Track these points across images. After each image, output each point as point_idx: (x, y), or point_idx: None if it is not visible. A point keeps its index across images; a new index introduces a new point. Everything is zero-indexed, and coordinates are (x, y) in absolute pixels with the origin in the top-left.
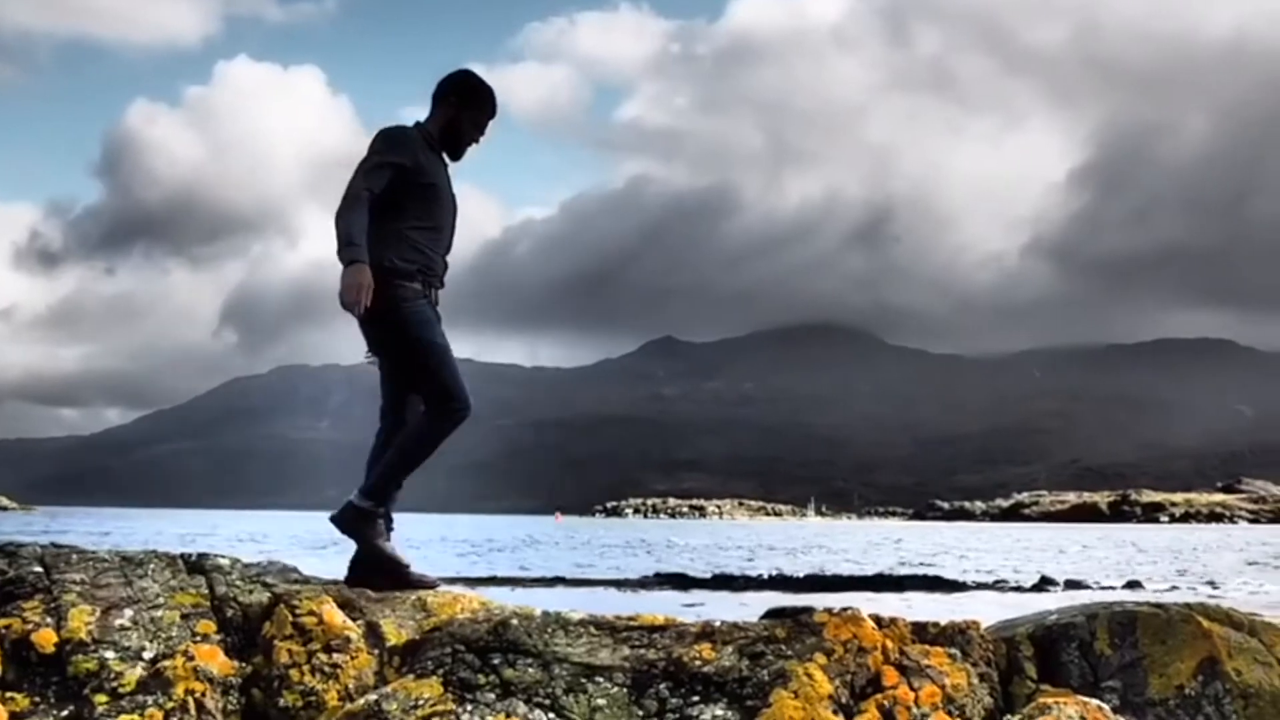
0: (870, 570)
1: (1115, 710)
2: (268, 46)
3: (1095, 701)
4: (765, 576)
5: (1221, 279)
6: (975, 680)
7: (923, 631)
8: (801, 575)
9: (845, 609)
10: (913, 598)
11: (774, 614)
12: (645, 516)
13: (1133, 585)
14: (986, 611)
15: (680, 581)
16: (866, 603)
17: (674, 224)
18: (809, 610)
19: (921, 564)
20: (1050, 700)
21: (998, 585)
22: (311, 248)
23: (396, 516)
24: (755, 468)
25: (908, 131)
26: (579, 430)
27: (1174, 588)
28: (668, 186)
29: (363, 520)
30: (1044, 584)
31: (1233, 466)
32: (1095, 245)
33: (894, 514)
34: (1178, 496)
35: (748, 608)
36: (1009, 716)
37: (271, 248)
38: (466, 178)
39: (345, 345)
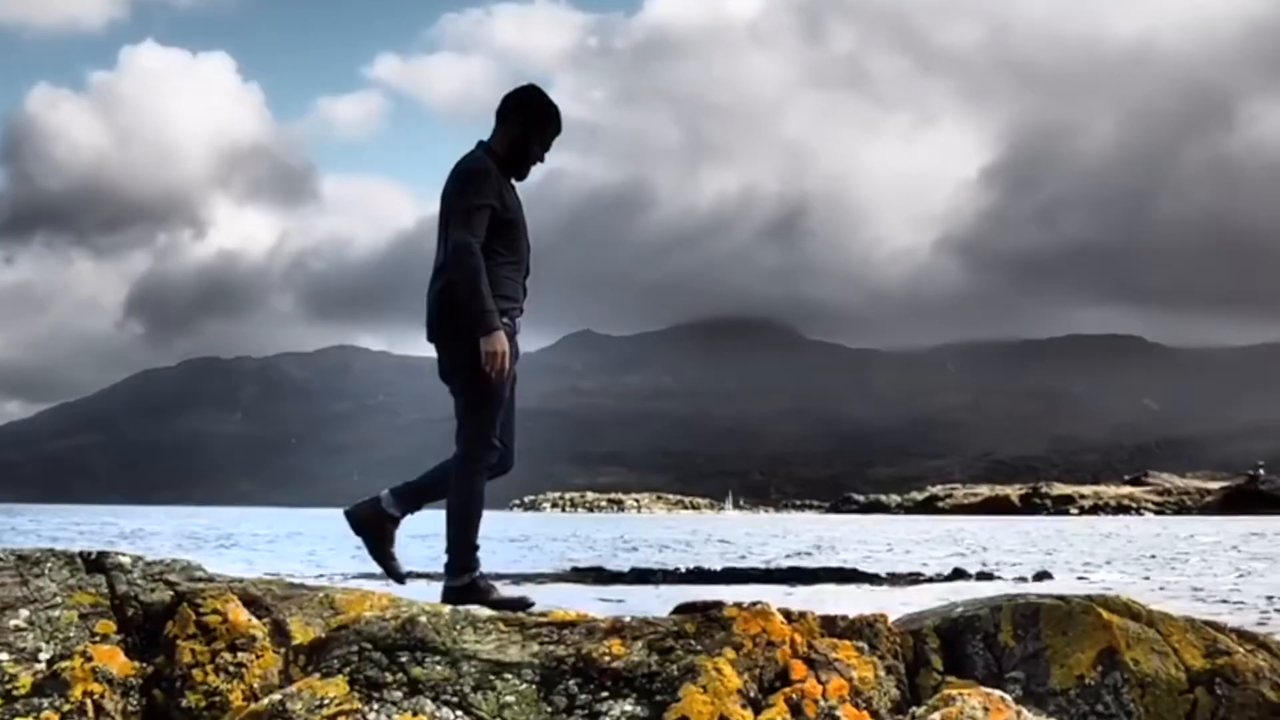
0: (787, 563)
1: (1018, 700)
2: (176, 32)
3: (998, 693)
4: (683, 570)
5: (1128, 276)
6: (882, 673)
7: (832, 625)
8: (719, 569)
9: (755, 604)
10: (828, 590)
11: (685, 609)
12: (563, 510)
13: (1042, 576)
14: (905, 602)
15: (598, 576)
16: (783, 596)
17: (591, 217)
18: (719, 605)
19: (837, 557)
20: (954, 692)
21: (912, 577)
22: (220, 238)
23: (321, 511)
24: (673, 461)
25: (823, 128)
26: None
27: (1082, 579)
28: (584, 180)
29: (471, 595)
30: (956, 575)
31: (1140, 459)
32: (1004, 242)
33: (810, 507)
34: (1087, 489)
35: (665, 601)
36: (915, 708)
37: (178, 238)
38: (380, 169)
39: (257, 338)
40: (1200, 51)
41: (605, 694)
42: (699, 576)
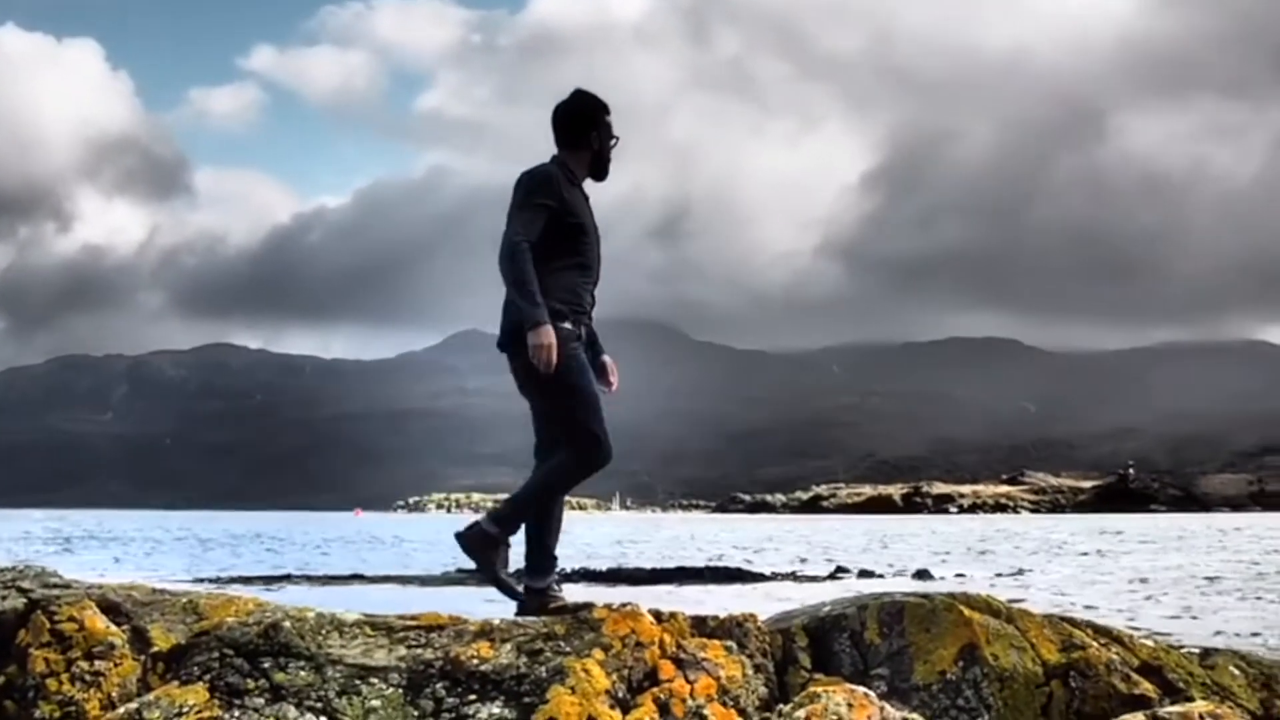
0: (673, 563)
1: (883, 696)
2: (40, 16)
3: (862, 689)
4: (568, 570)
5: (1005, 281)
6: (750, 671)
7: (702, 625)
8: (605, 569)
9: (624, 605)
10: (713, 589)
11: (554, 610)
12: (449, 511)
13: (922, 574)
14: (786, 599)
15: (484, 577)
16: (668, 594)
17: (474, 216)
18: (589, 606)
19: (723, 556)
20: (820, 689)
21: (795, 576)
22: (86, 231)
23: (195, 514)
24: None
25: (708, 131)
26: (380, 424)
27: (960, 575)
28: (468, 178)
29: (488, 545)
30: (838, 573)
31: (1017, 459)
32: (885, 246)
33: (697, 507)
34: (966, 488)
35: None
36: (782, 706)
37: (41, 230)
38: (257, 163)
39: (129, 334)
40: (1074, 64)
41: (473, 697)
42: (585, 576)
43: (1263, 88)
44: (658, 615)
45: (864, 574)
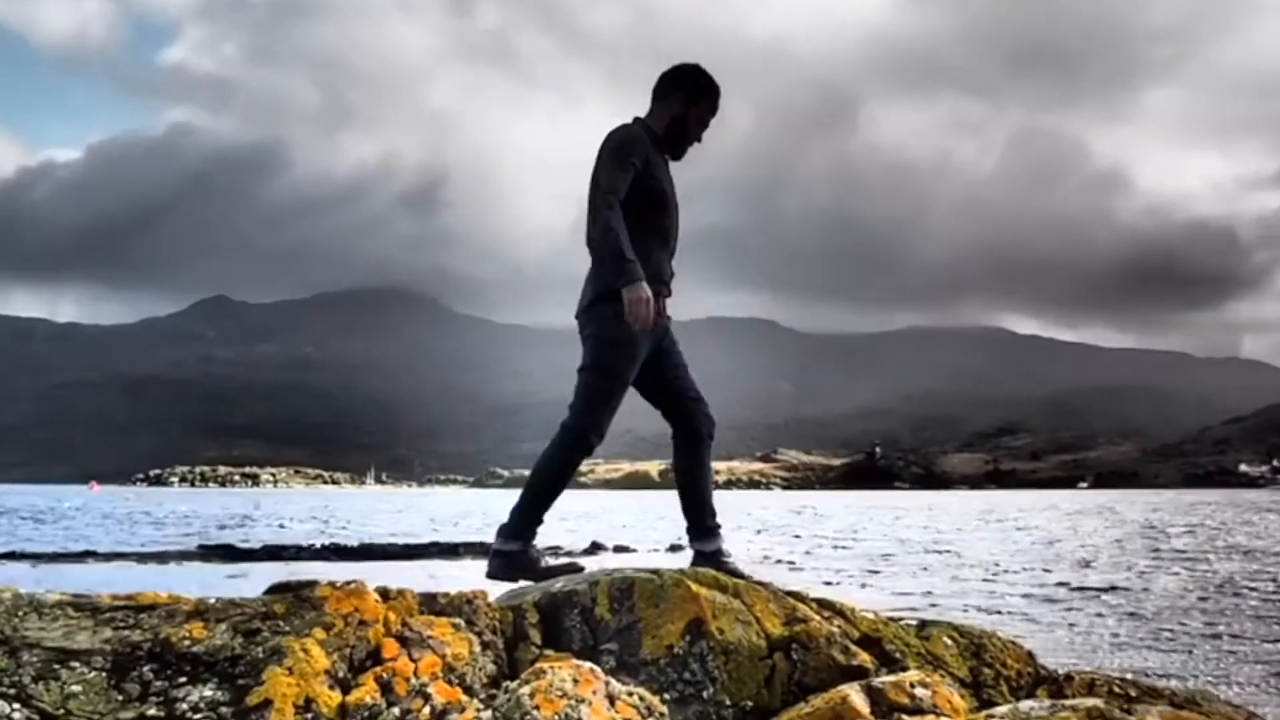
0: (427, 538)
1: (611, 671)
2: None
3: (588, 664)
4: (319, 546)
5: (763, 264)
6: (478, 649)
7: (432, 602)
8: (356, 544)
9: (349, 582)
10: (469, 564)
11: (277, 589)
12: (193, 485)
13: (675, 549)
14: None
15: (227, 554)
16: (420, 570)
17: (220, 177)
18: (312, 584)
19: (479, 531)
20: (546, 665)
21: (552, 550)
22: None
23: None
24: (313, 435)
25: (467, 101)
26: (119, 393)
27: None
28: (213, 137)
29: (517, 564)
30: (594, 549)
31: (772, 437)
32: None
33: (455, 482)
34: (721, 465)
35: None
36: (509, 682)
37: None
38: None
39: None
40: (829, 56)
41: (184, 680)
42: (336, 553)
43: (1002, 87)
44: (385, 593)
45: (620, 549)
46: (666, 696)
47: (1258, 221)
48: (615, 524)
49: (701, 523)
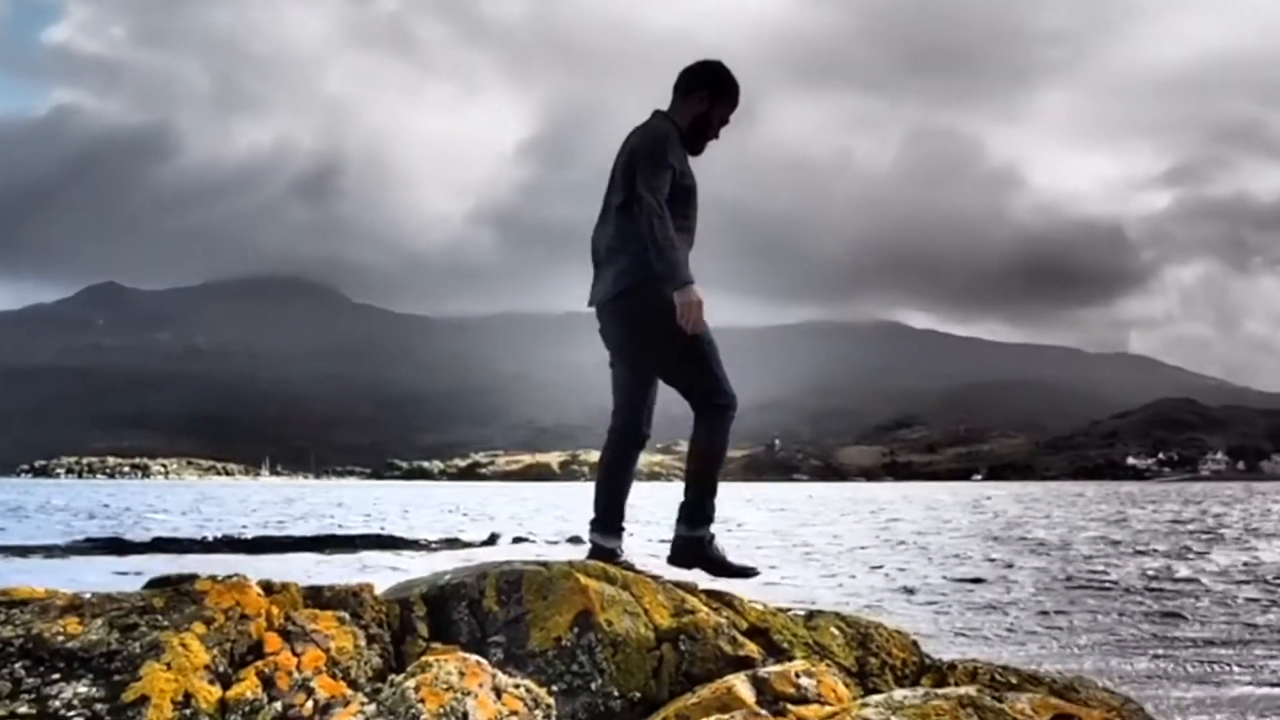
0: (324, 530)
1: (499, 663)
2: None
3: (474, 657)
4: (211, 539)
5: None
6: (363, 642)
7: (318, 596)
8: (251, 537)
9: (231, 576)
10: (366, 557)
11: (156, 583)
12: (80, 476)
13: (576, 540)
14: (435, 567)
15: (117, 547)
16: (316, 564)
17: (107, 161)
18: (192, 578)
19: (377, 523)
20: (432, 658)
21: (450, 543)
22: None
23: None
24: (206, 425)
25: (364, 88)
26: (2, 382)
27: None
28: (100, 120)
29: (701, 549)
30: (492, 540)
31: (671, 429)
32: (539, 215)
33: (352, 473)
34: None
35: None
36: (394, 676)
37: None
38: None
39: None
40: (731, 49)
41: (57, 676)
42: (229, 546)
43: (899, 85)
44: (268, 586)
45: (519, 540)
46: (554, 688)
47: (1145, 221)
48: (515, 515)
49: (615, 521)
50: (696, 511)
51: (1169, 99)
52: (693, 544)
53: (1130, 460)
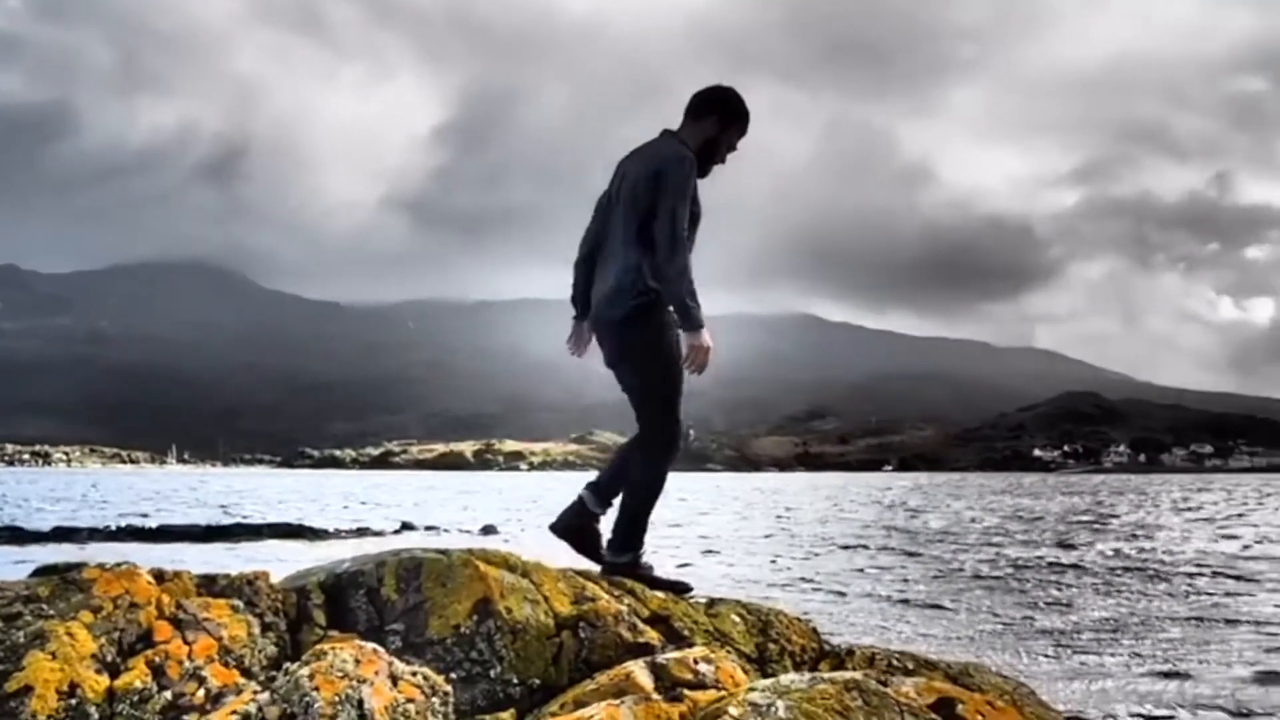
0: (231, 520)
1: (397, 651)
2: None
3: (371, 645)
4: (114, 528)
5: (576, 246)
6: (258, 631)
7: (211, 584)
8: (154, 526)
9: (120, 564)
10: (273, 546)
11: (43, 571)
12: None
13: (489, 530)
14: (343, 557)
15: (15, 536)
16: (224, 552)
17: (2, 138)
18: (80, 566)
19: (286, 512)
20: (327, 646)
21: (360, 532)
22: None
23: None
24: (110, 413)
25: (273, 69)
26: None
27: (523, 531)
28: None
29: (629, 571)
30: (404, 529)
31: (586, 419)
32: (452, 202)
33: (262, 462)
34: (537, 446)
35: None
36: (289, 664)
37: None
38: None
39: None
40: (647, 38)
41: None
42: (132, 534)
43: (817, 77)
44: (159, 575)
45: (430, 529)
46: (453, 676)
47: (1052, 218)
48: (427, 505)
49: (607, 497)
50: (627, 538)
51: (1078, 98)
52: (618, 569)
53: (1037, 452)
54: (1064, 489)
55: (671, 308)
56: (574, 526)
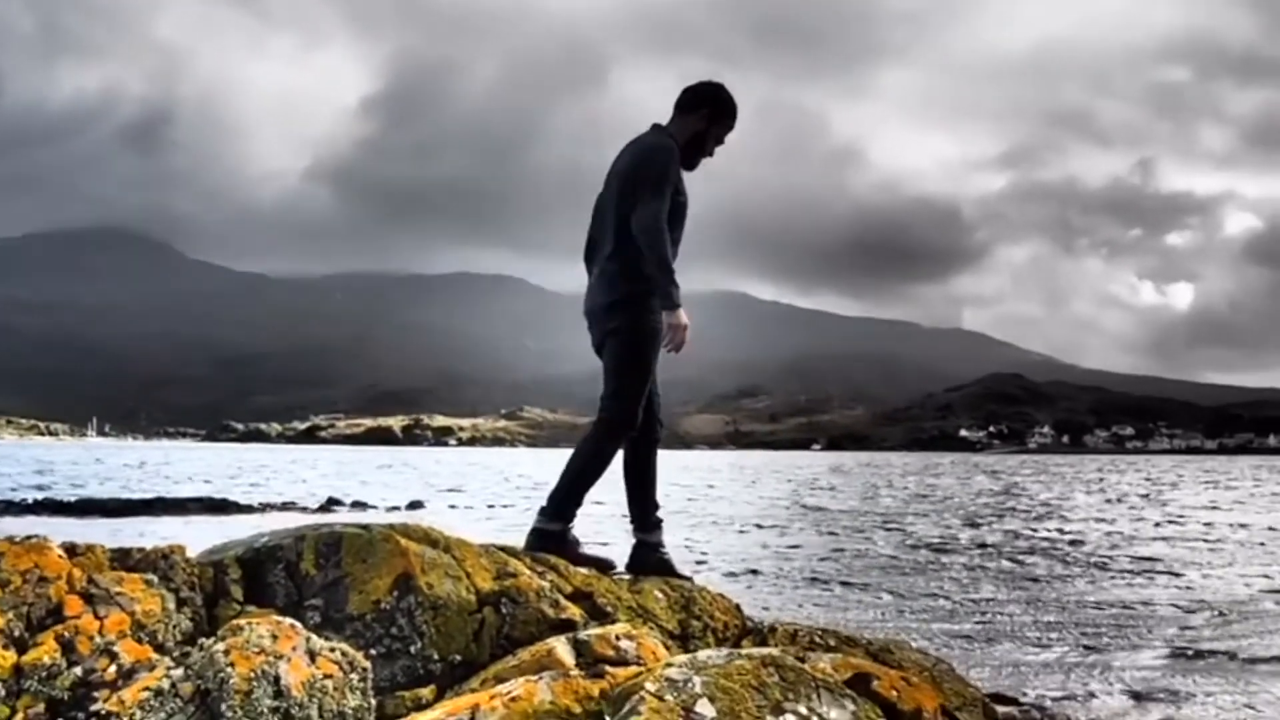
0: (152, 493)
1: (316, 627)
2: None
3: (288, 620)
4: (30, 502)
5: (510, 220)
6: (173, 606)
7: (125, 558)
8: (74, 500)
9: (29, 537)
10: (196, 520)
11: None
12: None
13: (415, 505)
14: (267, 530)
15: None
16: (146, 524)
17: None
18: None
19: (211, 486)
20: (244, 621)
21: (286, 507)
22: None
23: None
24: (28, 383)
25: (201, 36)
26: None
27: (453, 507)
28: None
29: (556, 542)
30: (330, 505)
31: (517, 395)
32: (380, 173)
33: (186, 435)
34: (466, 421)
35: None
36: (204, 640)
37: None
38: None
39: None
40: (583, 14)
41: None
42: (50, 508)
43: (746, 57)
44: (71, 549)
45: (357, 505)
46: (373, 652)
47: (980, 201)
48: (354, 480)
49: (646, 517)
50: (556, 506)
51: (1007, 83)
52: (546, 535)
53: (963, 432)
54: (985, 469)
55: (653, 292)
56: (642, 560)
